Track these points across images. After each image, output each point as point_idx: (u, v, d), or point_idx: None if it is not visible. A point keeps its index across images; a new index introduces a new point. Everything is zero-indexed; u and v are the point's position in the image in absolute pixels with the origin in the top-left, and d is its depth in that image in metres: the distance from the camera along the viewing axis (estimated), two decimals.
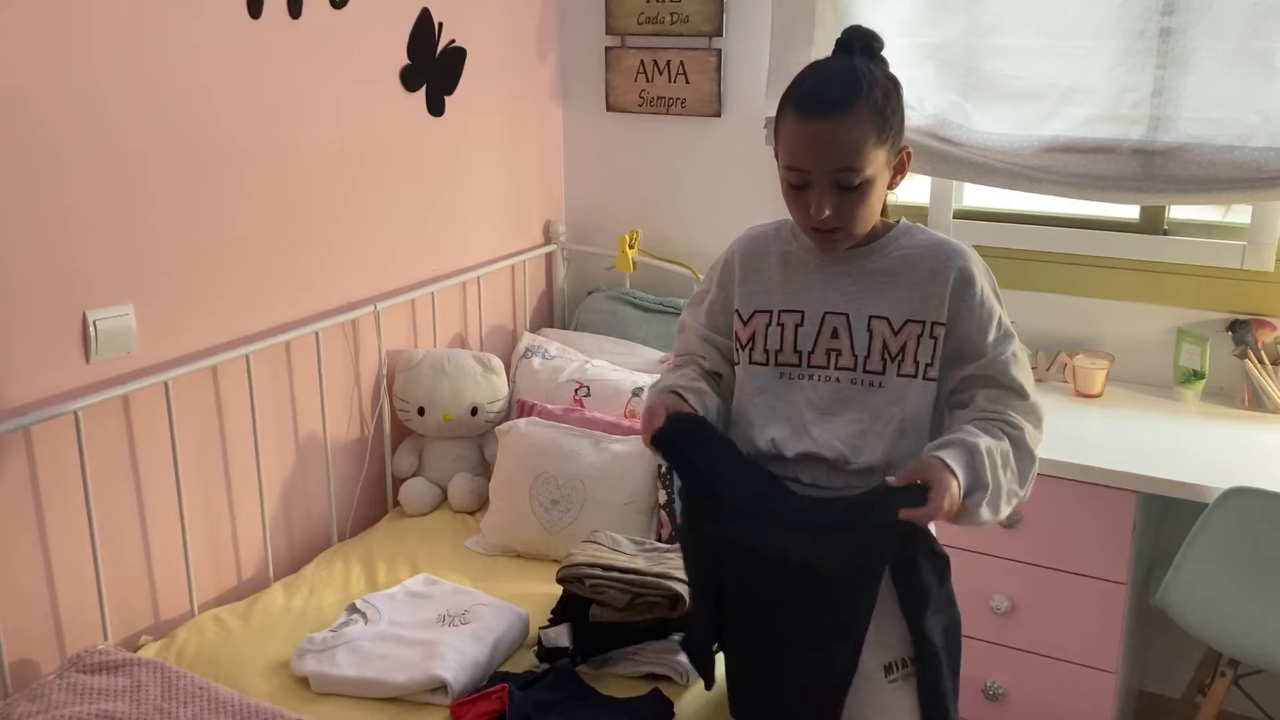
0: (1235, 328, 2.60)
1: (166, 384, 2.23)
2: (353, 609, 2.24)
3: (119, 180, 2.13)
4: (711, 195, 3.20)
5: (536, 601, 2.31)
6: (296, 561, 2.62)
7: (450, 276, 2.99)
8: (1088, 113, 2.59)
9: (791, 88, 1.56)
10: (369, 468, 2.83)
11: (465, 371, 2.82)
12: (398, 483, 2.87)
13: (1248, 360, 2.56)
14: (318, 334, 2.59)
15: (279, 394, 2.55)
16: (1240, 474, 2.15)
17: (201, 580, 2.40)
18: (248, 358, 2.41)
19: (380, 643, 2.13)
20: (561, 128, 3.39)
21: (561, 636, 2.12)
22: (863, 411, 1.58)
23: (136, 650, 2.18)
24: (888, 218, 1.66)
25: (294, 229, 2.53)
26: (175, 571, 2.33)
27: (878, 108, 1.51)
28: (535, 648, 2.17)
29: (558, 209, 3.43)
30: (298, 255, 2.54)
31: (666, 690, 1.99)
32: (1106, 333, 2.78)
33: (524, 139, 3.24)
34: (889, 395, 1.59)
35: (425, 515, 2.79)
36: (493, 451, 2.82)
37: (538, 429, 2.67)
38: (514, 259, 3.22)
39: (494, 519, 2.64)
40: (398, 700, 2.03)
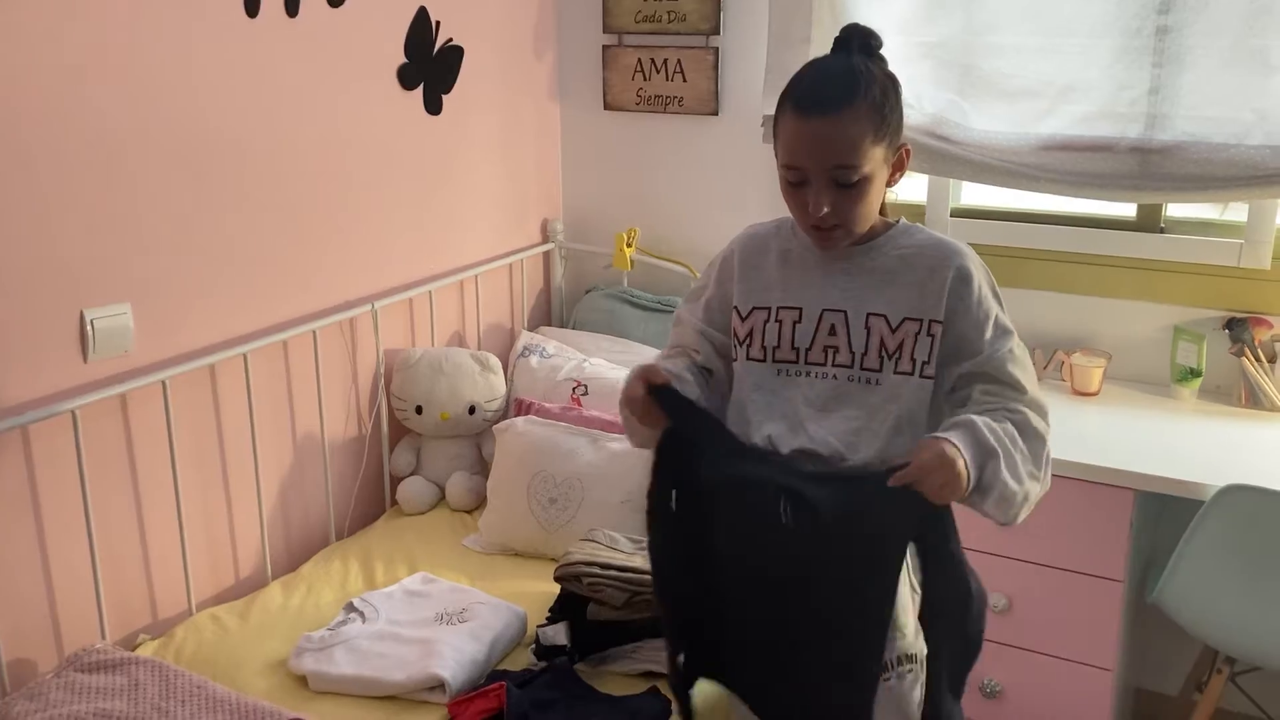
0: (1232, 326, 2.61)
1: (164, 383, 2.23)
2: (350, 608, 2.24)
3: (116, 179, 2.13)
4: (709, 194, 3.20)
5: (534, 600, 2.31)
6: (294, 560, 2.62)
7: (448, 275, 3.00)
8: (1084, 111, 2.59)
9: (790, 85, 1.56)
10: (367, 466, 2.83)
11: (463, 370, 2.82)
12: (395, 481, 2.87)
13: (1244, 358, 2.56)
14: (315, 333, 2.59)
15: (277, 393, 2.55)
16: (1237, 472, 2.15)
17: (199, 579, 2.40)
18: (245, 357, 2.41)
19: (378, 641, 2.13)
20: (559, 126, 3.39)
21: (559, 635, 2.12)
22: (859, 409, 1.58)
23: (134, 649, 2.18)
24: (887, 217, 1.67)
25: (291, 228, 2.53)
26: (173, 570, 2.33)
27: (875, 105, 1.51)
28: (533, 646, 2.17)
29: (555, 207, 3.43)
30: (295, 254, 2.55)
31: (664, 688, 1.99)
32: (1103, 331, 2.79)
33: (521, 137, 3.24)
34: (886, 393, 1.59)
35: (423, 514, 2.79)
36: (490, 450, 2.82)
37: (535, 427, 2.67)
38: (512, 257, 3.22)
39: (492, 517, 2.65)
40: (396, 698, 2.03)
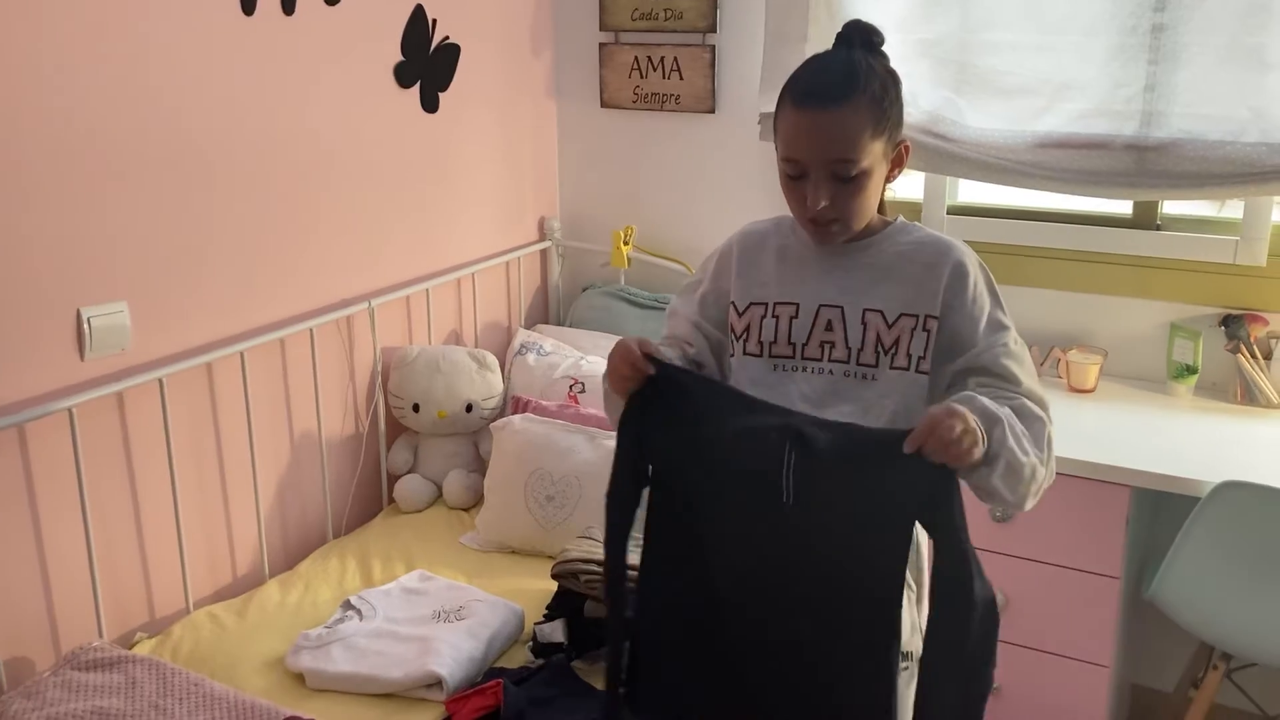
0: (1228, 322, 2.61)
1: (161, 381, 2.23)
2: (348, 605, 2.25)
3: (113, 177, 2.13)
4: (705, 191, 3.20)
5: (531, 597, 2.31)
6: (292, 558, 2.62)
7: (445, 273, 3.00)
8: (1081, 108, 2.60)
9: (790, 80, 1.57)
10: (364, 464, 2.83)
11: (460, 368, 2.82)
12: (393, 479, 2.87)
13: (1240, 355, 2.56)
14: (312, 331, 2.59)
15: (274, 391, 2.55)
16: (1233, 468, 2.16)
17: (196, 577, 2.40)
18: (242, 355, 2.41)
19: (375, 639, 2.13)
20: (556, 124, 3.39)
21: (556, 632, 2.12)
22: (855, 404, 1.58)
23: (131, 647, 2.18)
24: (885, 215, 1.67)
25: (288, 226, 2.53)
26: (170, 568, 2.33)
27: (875, 99, 1.52)
28: (530, 643, 2.18)
29: (552, 205, 3.43)
30: (292, 252, 2.54)
31: None
32: (1100, 328, 2.79)
33: (518, 135, 3.24)
34: (881, 388, 1.59)
35: (420, 512, 2.79)
36: (487, 448, 2.82)
37: (532, 425, 2.67)
38: (509, 255, 3.22)
39: (489, 515, 2.65)
40: (393, 696, 2.03)
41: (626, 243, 3.23)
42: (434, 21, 2.85)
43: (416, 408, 2.80)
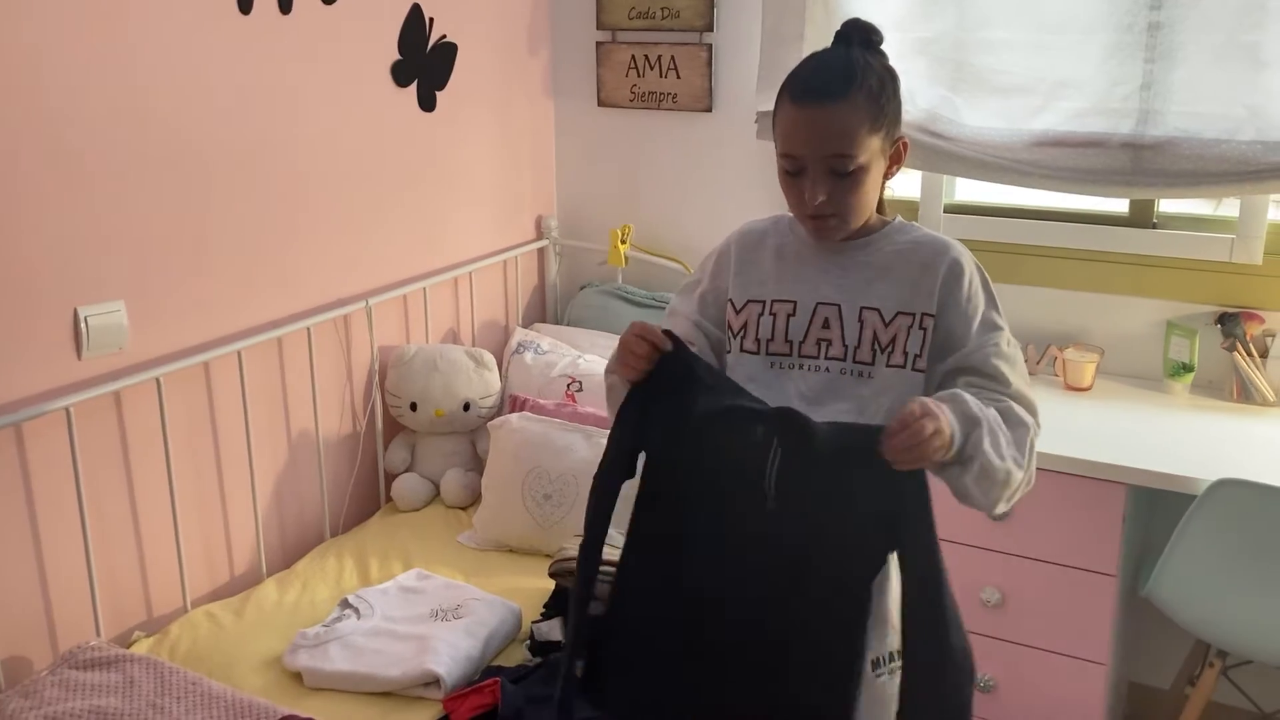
0: (1224, 320, 2.61)
1: (158, 380, 2.23)
2: (345, 604, 2.25)
3: (110, 176, 2.13)
4: (703, 190, 3.20)
5: (529, 596, 2.31)
6: (289, 557, 2.62)
7: (442, 272, 3.00)
8: (1077, 107, 2.60)
9: (788, 77, 1.58)
10: (361, 463, 2.83)
11: (457, 367, 2.83)
12: (390, 478, 2.87)
13: (1236, 353, 2.57)
14: (309, 330, 2.59)
15: (271, 390, 2.55)
16: (1229, 466, 2.16)
17: (194, 576, 2.40)
18: (239, 354, 2.41)
19: (373, 638, 2.13)
20: (553, 123, 3.39)
21: (554, 630, 2.12)
22: (851, 402, 1.59)
23: (129, 646, 2.18)
24: (885, 215, 1.67)
25: (285, 225, 2.53)
26: (168, 567, 2.34)
27: (872, 95, 1.52)
28: (528, 642, 2.18)
29: (549, 204, 3.43)
30: (289, 251, 2.55)
31: None
32: (1096, 326, 2.79)
33: (516, 134, 3.24)
34: (877, 386, 1.59)
35: (418, 510, 2.80)
36: (485, 447, 2.82)
37: (530, 424, 2.67)
38: (506, 254, 3.23)
39: (486, 514, 2.65)
40: (390, 695, 2.03)
41: (624, 241, 3.23)
42: (431, 20, 2.85)
43: (414, 406, 2.80)
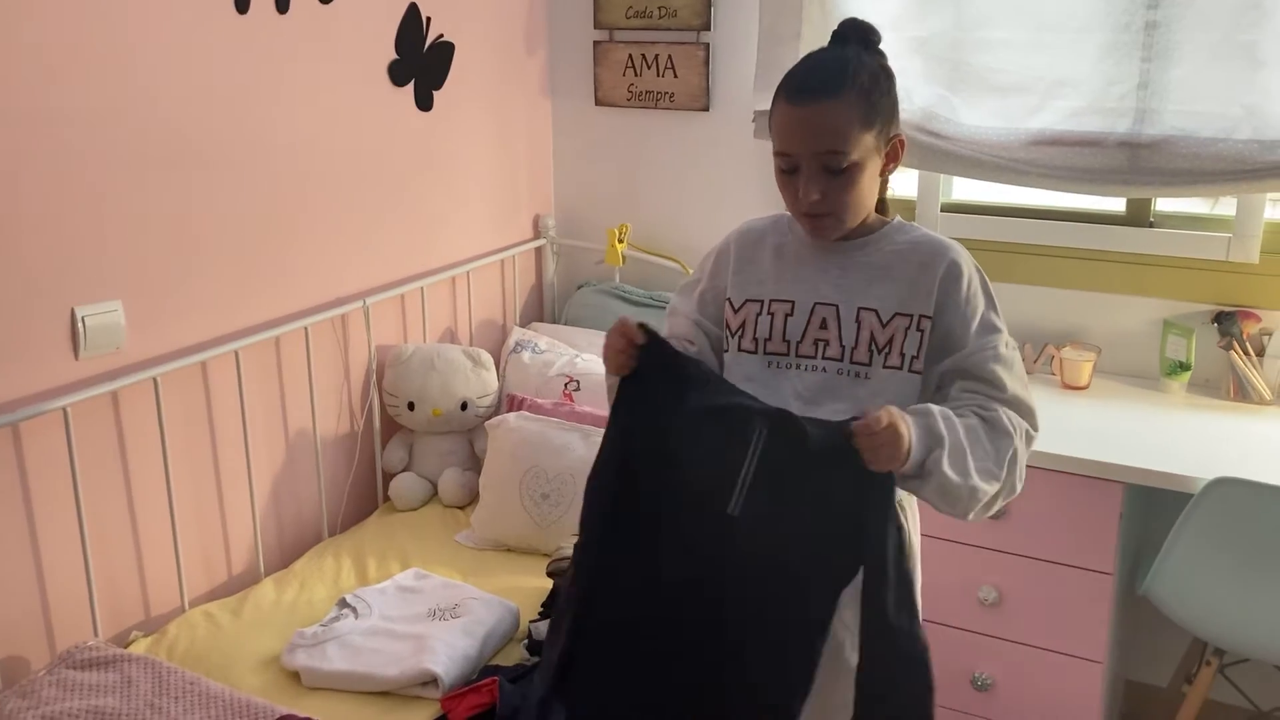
0: (1221, 319, 2.62)
1: (156, 380, 2.23)
2: (343, 604, 2.25)
3: (107, 176, 2.13)
4: (700, 189, 3.20)
5: (527, 595, 2.32)
6: (287, 557, 2.62)
7: (439, 271, 3.00)
8: (1074, 106, 2.60)
9: (784, 77, 1.59)
10: (359, 463, 2.83)
11: (455, 366, 2.83)
12: (388, 478, 2.87)
13: (1233, 352, 2.57)
14: (307, 329, 2.59)
15: (268, 389, 2.55)
16: (1225, 464, 2.16)
17: (192, 576, 2.40)
18: (237, 353, 2.41)
19: (371, 637, 2.13)
20: (550, 122, 3.39)
21: None
22: (848, 402, 1.59)
23: (127, 646, 2.18)
24: (886, 215, 1.67)
25: (283, 224, 2.52)
26: (165, 567, 2.33)
27: (864, 92, 1.52)
28: (525, 641, 2.18)
29: (547, 203, 3.43)
30: (287, 250, 2.54)
31: None
32: (1093, 325, 2.80)
33: (513, 133, 3.24)
34: (874, 387, 1.59)
35: (415, 510, 2.80)
36: (483, 446, 2.82)
37: (527, 423, 2.67)
38: (503, 253, 3.22)
39: (484, 513, 2.65)
40: (388, 694, 2.03)
41: (621, 240, 3.23)
42: (428, 20, 2.85)
43: (411, 406, 2.80)
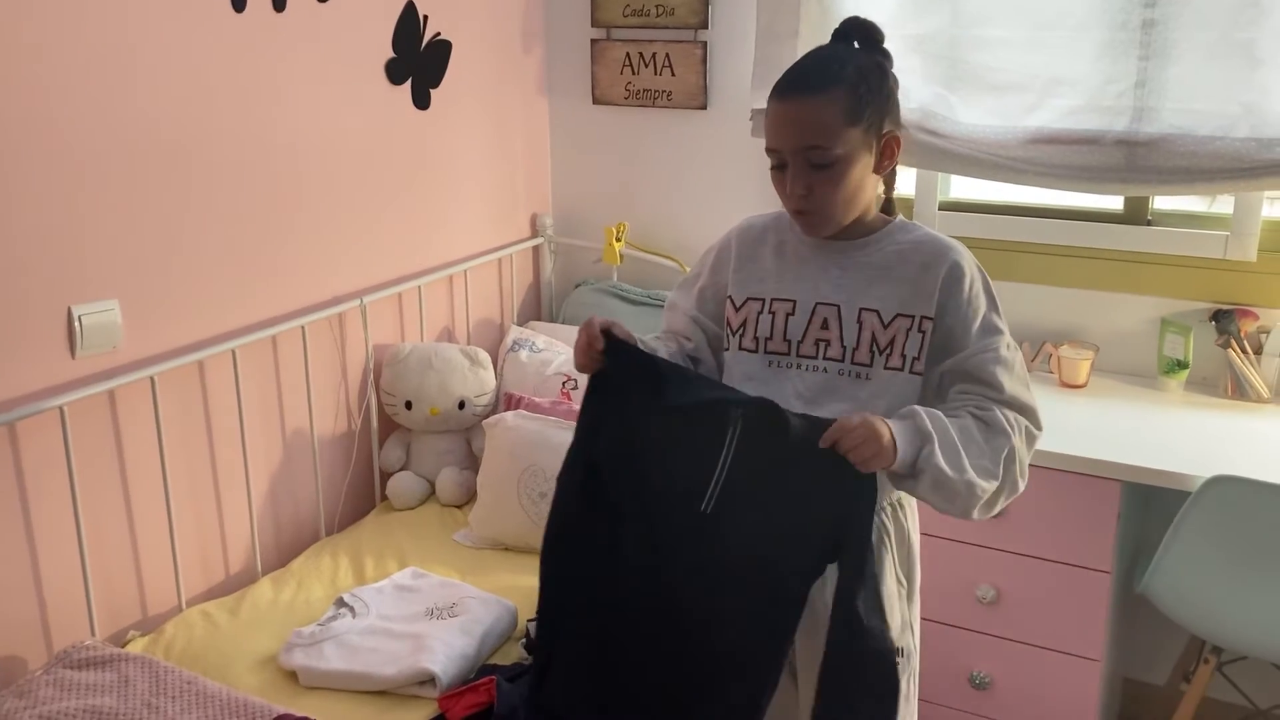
0: (1218, 317, 2.62)
1: (152, 379, 2.23)
2: (341, 603, 2.25)
3: (103, 175, 2.13)
4: (698, 188, 3.20)
5: (524, 594, 2.31)
6: (284, 556, 2.62)
7: (437, 270, 2.99)
8: (1071, 104, 2.60)
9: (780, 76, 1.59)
10: (356, 462, 2.83)
11: (452, 365, 2.82)
12: (385, 477, 2.86)
13: (1231, 350, 2.57)
14: (304, 328, 2.58)
15: (266, 389, 2.55)
16: (1223, 463, 2.16)
17: (189, 575, 2.39)
18: (234, 352, 2.41)
19: (368, 636, 2.13)
20: (548, 121, 3.38)
21: None
22: (848, 403, 1.59)
23: (124, 646, 2.18)
24: (892, 215, 1.67)
25: (280, 223, 2.52)
26: (162, 566, 2.33)
27: (851, 87, 1.52)
28: (523, 640, 2.18)
29: (544, 202, 3.43)
30: (284, 249, 2.54)
31: None
32: (1091, 323, 2.80)
33: (510, 132, 3.24)
34: (875, 387, 1.59)
35: (413, 509, 2.79)
36: (480, 445, 2.82)
37: (525, 422, 2.67)
38: (501, 252, 3.22)
39: (482, 512, 2.65)
40: (386, 693, 2.03)
41: (619, 239, 3.23)
42: (425, 18, 2.85)
43: (409, 405, 2.80)
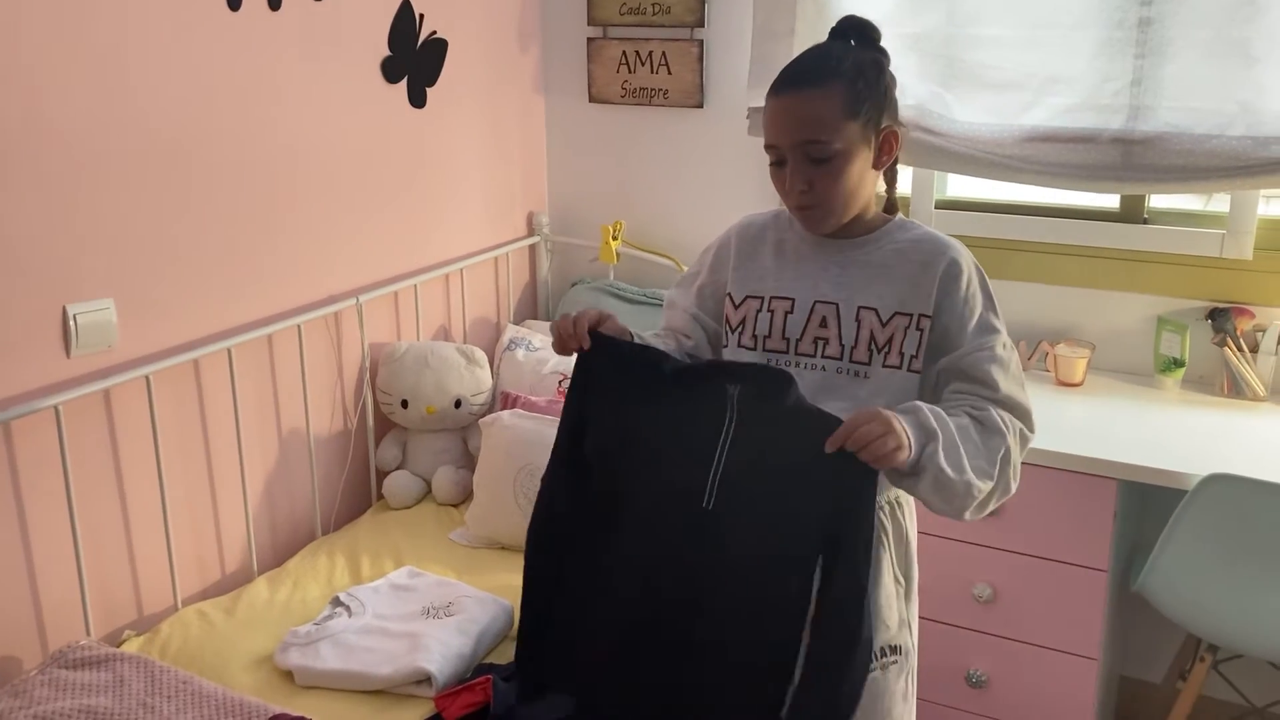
0: (1215, 316, 2.62)
1: (148, 378, 2.22)
2: (337, 602, 2.24)
3: (98, 173, 2.12)
4: (694, 186, 3.20)
5: (520, 594, 2.30)
6: (280, 555, 2.61)
7: (433, 269, 2.99)
8: (1068, 102, 2.60)
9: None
10: (352, 461, 2.82)
11: (449, 364, 2.82)
12: (381, 476, 2.86)
13: (1227, 348, 2.57)
14: (300, 327, 2.58)
15: (261, 387, 2.54)
16: (1219, 461, 2.17)
17: (185, 574, 2.39)
18: (230, 351, 2.40)
19: (364, 635, 2.13)
20: (544, 119, 3.38)
21: None
22: (847, 401, 1.58)
23: (120, 645, 2.17)
24: (893, 213, 1.67)
25: (275, 221, 2.52)
26: (158, 566, 2.33)
27: (848, 81, 1.52)
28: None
29: (541, 200, 3.43)
30: (280, 248, 2.54)
31: None
32: (1087, 321, 2.80)
33: (506, 130, 3.24)
34: (873, 386, 1.59)
35: (409, 508, 2.79)
36: (476, 444, 2.82)
37: (521, 421, 2.67)
38: (497, 251, 3.22)
39: (478, 511, 2.65)
40: (382, 693, 2.03)
41: (615, 238, 3.22)
42: (421, 17, 2.85)
43: (405, 403, 2.79)
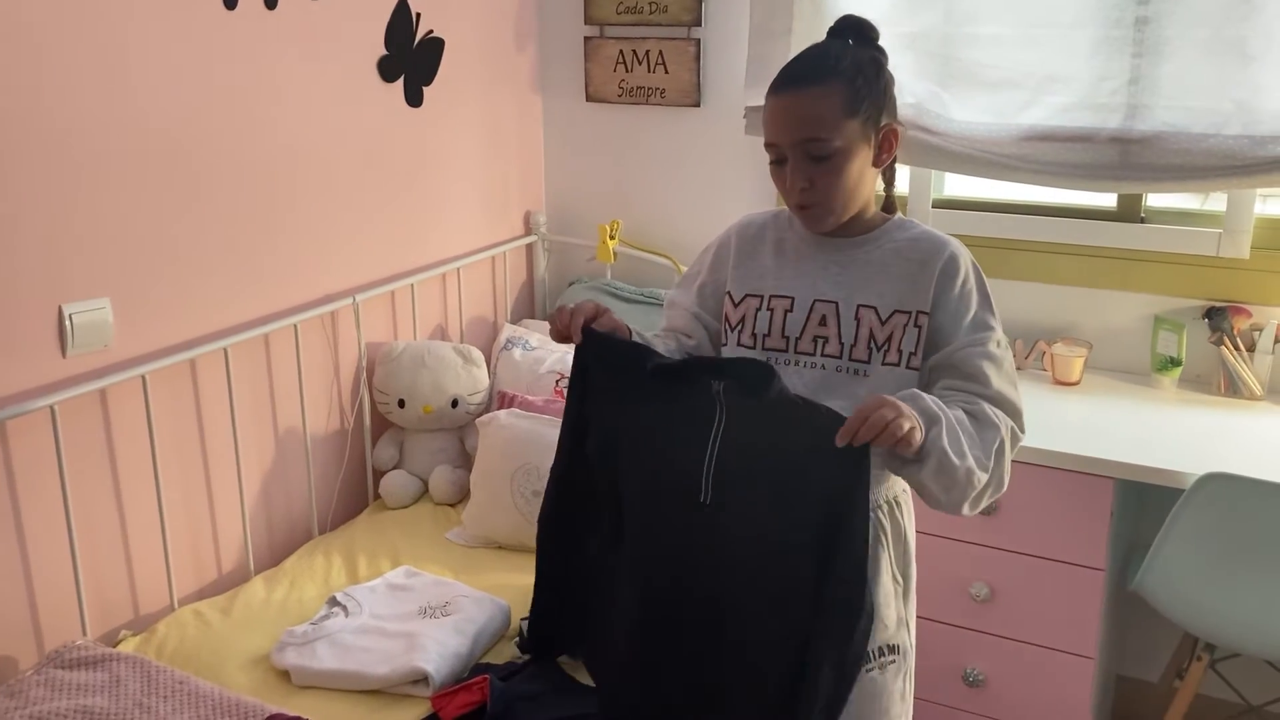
0: (1211, 315, 2.62)
1: (144, 378, 2.22)
2: (333, 602, 2.24)
3: (94, 172, 2.12)
4: (691, 185, 3.20)
5: (518, 593, 2.31)
6: (277, 555, 2.61)
7: (430, 268, 2.99)
8: (1065, 101, 2.60)
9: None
10: (349, 460, 2.82)
11: (445, 363, 2.82)
12: (378, 475, 2.86)
13: (1224, 347, 2.57)
14: (296, 326, 2.58)
15: (258, 387, 2.54)
16: (1216, 460, 2.16)
17: (181, 574, 2.39)
18: (226, 351, 2.40)
19: (361, 635, 2.13)
20: (541, 118, 3.38)
21: None
22: (846, 399, 1.58)
23: (116, 645, 2.17)
24: (892, 212, 1.67)
25: (272, 221, 2.51)
26: (154, 566, 2.32)
27: (847, 79, 1.53)
28: (516, 639, 2.18)
29: (538, 200, 3.42)
30: (276, 247, 2.53)
31: None
32: (1084, 320, 2.80)
33: (503, 129, 3.23)
34: (873, 384, 1.59)
35: (406, 508, 2.79)
36: (473, 443, 2.82)
37: (518, 420, 2.67)
38: (494, 250, 3.22)
39: (475, 511, 2.64)
40: (379, 692, 2.03)
41: (612, 237, 3.22)
42: (418, 16, 2.84)
43: (402, 403, 2.79)
